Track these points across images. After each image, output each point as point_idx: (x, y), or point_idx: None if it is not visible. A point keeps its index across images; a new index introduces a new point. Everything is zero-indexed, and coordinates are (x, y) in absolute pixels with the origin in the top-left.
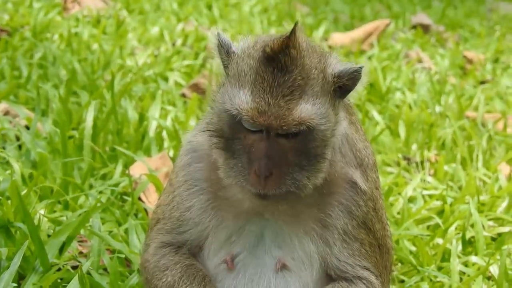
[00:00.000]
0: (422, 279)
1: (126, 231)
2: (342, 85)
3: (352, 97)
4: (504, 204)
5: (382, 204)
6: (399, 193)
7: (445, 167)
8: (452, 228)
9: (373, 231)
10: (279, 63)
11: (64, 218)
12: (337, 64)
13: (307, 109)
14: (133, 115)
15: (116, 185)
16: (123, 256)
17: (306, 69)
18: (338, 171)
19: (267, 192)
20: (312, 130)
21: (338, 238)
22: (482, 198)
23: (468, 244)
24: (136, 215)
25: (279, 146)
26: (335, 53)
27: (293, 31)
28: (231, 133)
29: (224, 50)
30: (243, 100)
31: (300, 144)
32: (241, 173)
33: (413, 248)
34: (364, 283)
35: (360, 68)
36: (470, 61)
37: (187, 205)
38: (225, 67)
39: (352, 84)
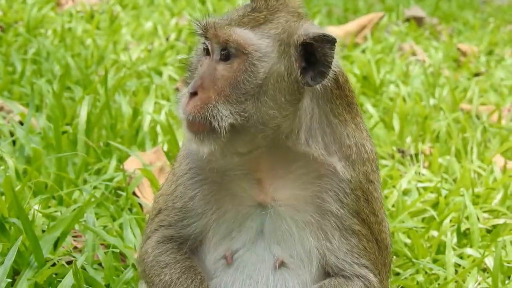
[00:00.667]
0: (417, 272)
1: (120, 226)
2: (309, 51)
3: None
4: (499, 196)
5: (379, 199)
6: (394, 186)
7: (440, 160)
8: (447, 220)
9: (367, 223)
10: (255, 2)
11: (59, 213)
12: (311, 27)
13: (248, 35)
14: (127, 109)
15: (110, 180)
16: (117, 251)
17: (275, 16)
18: (320, 159)
19: (188, 116)
20: (245, 58)
21: (336, 228)
22: (477, 190)
23: (463, 236)
24: (130, 209)
25: (215, 71)
26: (313, 21)
27: None
28: (195, 63)
29: None
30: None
31: (233, 72)
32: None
33: (408, 241)
34: (362, 281)
35: (331, 36)
36: (464, 54)
37: (190, 195)
38: None
39: (322, 55)
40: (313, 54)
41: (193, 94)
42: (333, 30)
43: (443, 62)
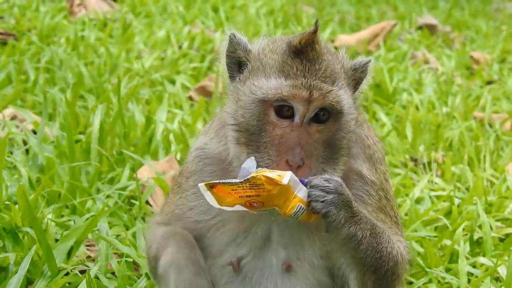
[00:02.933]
0: (430, 281)
1: (134, 235)
2: (357, 79)
3: (361, 94)
4: None
5: (392, 196)
6: (407, 194)
7: (453, 168)
8: (460, 229)
9: (389, 216)
10: (307, 56)
11: (72, 222)
12: (347, 59)
13: (341, 94)
14: (140, 118)
15: (124, 189)
16: (131, 260)
17: (331, 64)
18: (346, 166)
19: None
20: (342, 117)
21: None
22: (489, 198)
23: (476, 245)
24: (143, 218)
25: (310, 135)
26: (343, 50)
27: (316, 27)
28: (258, 125)
29: (242, 47)
30: (277, 83)
31: (329, 133)
32: (269, 167)
33: (421, 250)
34: (399, 240)
35: (369, 61)
36: (476, 62)
37: (191, 205)
38: (240, 64)
39: (363, 77)
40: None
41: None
42: (345, 38)
43: (456, 70)
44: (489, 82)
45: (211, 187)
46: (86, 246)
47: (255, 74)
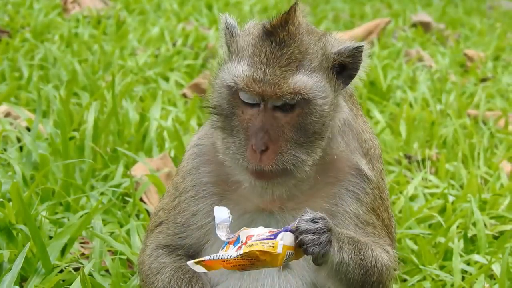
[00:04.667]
0: (424, 278)
1: (128, 232)
2: (343, 64)
3: (355, 82)
4: (506, 202)
5: (388, 195)
6: (401, 192)
7: (447, 166)
8: (454, 226)
9: (381, 219)
10: (277, 37)
11: (66, 219)
12: (337, 42)
13: (303, 80)
14: (134, 115)
15: (118, 186)
16: (125, 257)
17: (304, 44)
18: (342, 159)
19: (263, 168)
20: (308, 103)
21: (351, 223)
22: (483, 196)
23: (470, 243)
24: (137, 216)
25: (276, 120)
26: (336, 33)
27: (292, 8)
28: (229, 109)
29: (229, 31)
30: (240, 70)
31: (298, 118)
32: (239, 151)
33: (415, 247)
34: (381, 246)
35: (360, 46)
36: (470, 59)
37: (193, 210)
38: (228, 48)
39: (353, 63)
40: (343, 63)
41: (265, 149)
42: (339, 36)
43: (450, 68)
44: (483, 80)
45: (199, 262)
46: (80, 243)
47: (231, 58)
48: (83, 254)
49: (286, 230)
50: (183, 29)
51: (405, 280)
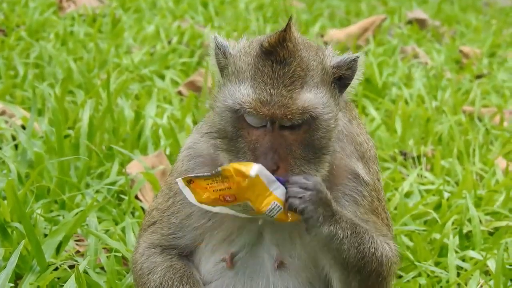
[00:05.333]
0: (419, 274)
1: (123, 229)
2: (341, 76)
3: (351, 90)
4: (501, 198)
5: (384, 196)
6: (396, 189)
7: (442, 162)
8: (449, 223)
9: (381, 218)
10: (277, 56)
11: (61, 217)
12: (333, 56)
13: (309, 98)
14: (129, 113)
15: (113, 184)
16: (120, 255)
17: (305, 61)
18: (339, 164)
19: None
20: (315, 120)
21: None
22: (479, 192)
23: (465, 239)
24: (133, 213)
25: (284, 139)
26: (330, 46)
27: (288, 25)
28: (234, 132)
29: (221, 52)
30: (244, 93)
31: (305, 135)
32: None
33: (410, 243)
34: (385, 241)
35: (357, 57)
36: (466, 56)
37: (187, 212)
38: (222, 68)
39: (351, 74)
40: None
41: (276, 169)
42: (335, 33)
43: (446, 65)
44: (479, 76)
45: (188, 182)
46: (75, 241)
47: (230, 79)
48: (78, 251)
49: (279, 180)
50: (178, 27)
51: (400, 277)
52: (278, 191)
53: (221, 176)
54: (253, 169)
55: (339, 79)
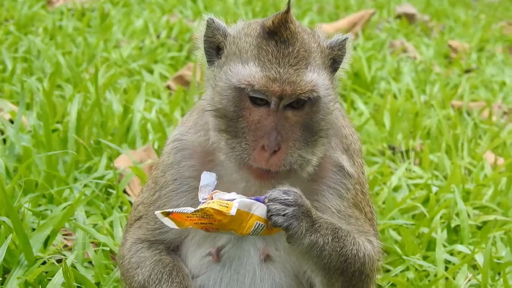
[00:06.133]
0: (407, 268)
1: (111, 224)
2: (334, 58)
3: (341, 74)
4: (490, 193)
5: (368, 189)
6: (384, 183)
7: (430, 156)
8: (437, 217)
9: (364, 213)
10: (281, 36)
11: (49, 211)
12: (325, 37)
13: (315, 78)
14: (117, 107)
15: (101, 178)
16: (108, 249)
17: (306, 43)
18: (324, 157)
19: (271, 168)
20: (318, 101)
21: (333, 217)
22: (467, 186)
23: (453, 233)
24: (121, 208)
25: (287, 120)
26: (321, 28)
27: (289, 7)
28: (235, 111)
29: (221, 32)
30: (251, 71)
31: (306, 116)
32: (245, 151)
33: (399, 238)
34: (364, 235)
35: (346, 38)
36: (455, 50)
37: (173, 205)
38: (218, 48)
39: (341, 55)
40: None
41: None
42: (324, 27)
43: (434, 59)
44: (467, 71)
45: (167, 214)
46: (63, 235)
47: (231, 59)
48: (66, 246)
49: (258, 200)
50: (167, 21)
51: (388, 271)
52: (258, 211)
53: (201, 212)
54: (233, 208)
55: (333, 61)
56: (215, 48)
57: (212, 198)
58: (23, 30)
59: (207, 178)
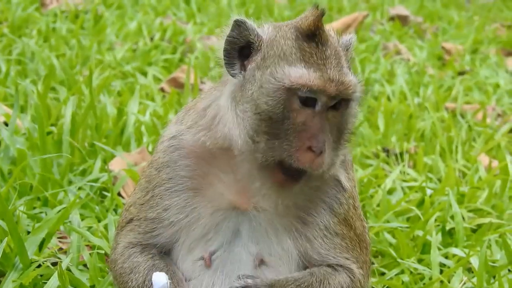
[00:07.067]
0: (402, 271)
1: (105, 226)
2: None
3: None
4: (484, 195)
5: (359, 202)
6: (379, 185)
7: (425, 159)
8: (432, 220)
9: (353, 228)
10: (320, 38)
11: (44, 214)
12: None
13: (353, 78)
14: (111, 110)
15: (96, 180)
16: (102, 252)
17: (337, 45)
18: None
19: (317, 170)
20: (351, 102)
21: (319, 235)
22: (461, 189)
23: (448, 236)
24: (115, 210)
25: (328, 121)
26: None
27: (324, 10)
28: (282, 113)
29: (254, 34)
30: (304, 73)
31: (341, 118)
32: (285, 152)
33: (393, 240)
34: (346, 272)
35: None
36: (448, 52)
37: (166, 204)
38: (254, 50)
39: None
40: None
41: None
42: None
43: (428, 61)
44: (461, 73)
45: None
46: (58, 238)
47: (274, 61)
48: (61, 249)
49: None
50: (161, 23)
51: (383, 274)
52: None
53: None
54: None
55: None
56: (237, 50)
57: None
58: (17, 33)
59: (159, 279)
